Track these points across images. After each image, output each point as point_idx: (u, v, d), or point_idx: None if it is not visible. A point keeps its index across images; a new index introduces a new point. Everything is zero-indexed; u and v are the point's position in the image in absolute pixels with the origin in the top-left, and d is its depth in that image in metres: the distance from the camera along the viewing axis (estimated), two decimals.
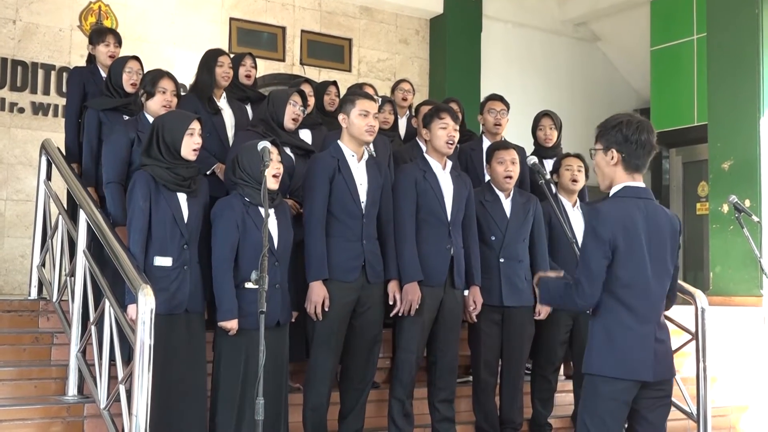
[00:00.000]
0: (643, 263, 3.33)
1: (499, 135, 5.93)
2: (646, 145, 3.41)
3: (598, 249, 3.32)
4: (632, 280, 3.33)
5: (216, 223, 4.27)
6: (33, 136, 7.80)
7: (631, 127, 3.40)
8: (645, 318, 3.35)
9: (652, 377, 3.33)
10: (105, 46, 5.67)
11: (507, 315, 5.09)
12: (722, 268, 8.28)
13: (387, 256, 4.73)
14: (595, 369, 3.37)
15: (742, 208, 5.54)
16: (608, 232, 3.30)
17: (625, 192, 3.42)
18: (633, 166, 3.42)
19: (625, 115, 3.48)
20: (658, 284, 3.39)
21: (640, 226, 3.34)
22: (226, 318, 4.16)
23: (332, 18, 9.82)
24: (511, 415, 5.18)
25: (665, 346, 3.43)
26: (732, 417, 6.40)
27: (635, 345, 3.32)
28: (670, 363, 3.45)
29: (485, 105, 6.03)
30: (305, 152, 5.03)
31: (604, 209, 3.38)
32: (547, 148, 6.02)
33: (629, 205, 3.38)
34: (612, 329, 3.35)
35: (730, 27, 8.39)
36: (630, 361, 3.31)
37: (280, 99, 4.93)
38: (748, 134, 8.18)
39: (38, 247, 5.58)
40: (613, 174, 3.45)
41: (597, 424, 3.34)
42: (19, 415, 4.33)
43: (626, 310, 3.33)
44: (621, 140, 3.41)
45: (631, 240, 3.32)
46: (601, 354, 3.36)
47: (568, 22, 11.49)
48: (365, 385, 4.72)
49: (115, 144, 4.69)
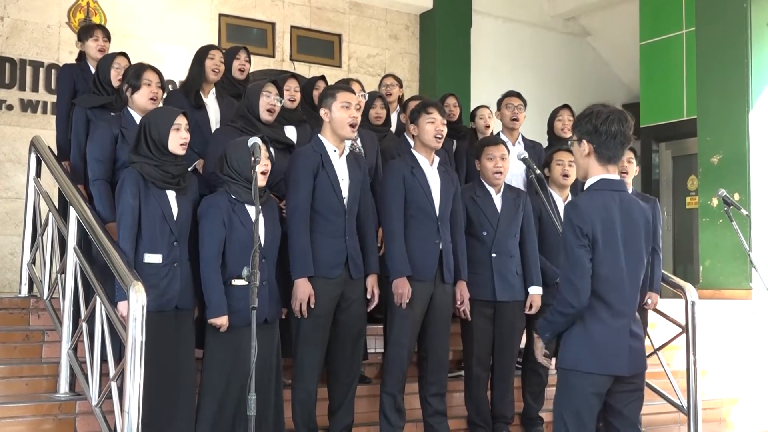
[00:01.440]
0: (618, 257, 3.31)
1: (516, 130, 6.09)
2: (617, 135, 3.36)
3: (580, 244, 3.30)
4: (608, 274, 3.30)
5: (202, 221, 4.27)
6: (22, 134, 7.77)
7: (600, 118, 3.36)
8: (620, 312, 3.33)
9: (627, 371, 3.33)
10: (94, 40, 5.66)
11: (499, 309, 5.11)
12: (712, 262, 8.31)
13: (366, 251, 4.73)
14: (570, 363, 3.35)
15: (731, 201, 5.56)
16: (587, 226, 3.28)
17: (599, 185, 3.39)
18: (605, 157, 3.38)
19: (597, 106, 3.43)
20: (633, 278, 3.37)
21: (615, 219, 3.32)
22: (216, 315, 4.16)
23: (322, 14, 9.81)
24: (502, 409, 5.20)
25: (640, 341, 3.41)
26: (722, 410, 6.43)
27: (610, 339, 3.31)
28: (643, 357, 3.44)
29: (503, 100, 6.18)
30: (285, 146, 5.00)
31: (582, 204, 3.36)
32: (562, 140, 6.08)
33: (605, 197, 3.35)
34: (587, 323, 3.32)
35: (719, 21, 8.42)
36: (605, 356, 3.29)
37: (254, 91, 4.88)
38: (737, 128, 8.20)
39: (28, 244, 5.56)
40: (587, 165, 3.43)
41: (572, 417, 3.33)
42: (11, 413, 4.32)
43: (602, 305, 3.31)
44: (591, 131, 3.38)
45: (608, 233, 3.30)
46: (576, 348, 3.34)
47: (557, 16, 11.50)
48: (352, 379, 4.72)
49: (99, 141, 4.68)
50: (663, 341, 5.99)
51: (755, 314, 7.62)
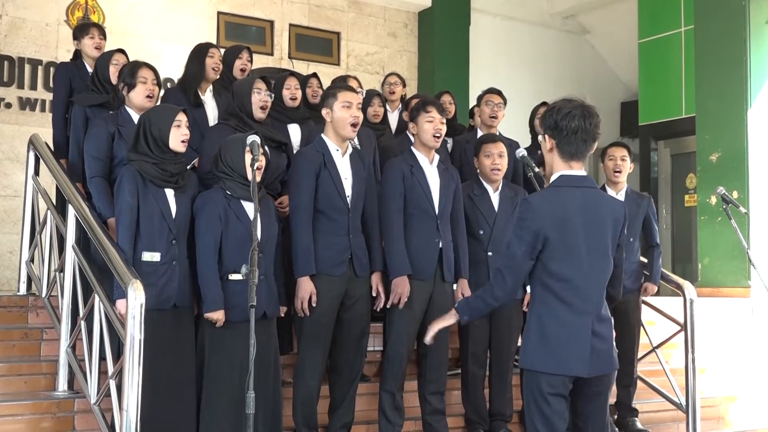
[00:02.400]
0: (577, 255, 3.22)
1: (494, 128, 6.00)
2: (578, 131, 3.26)
3: (522, 241, 3.24)
4: (566, 272, 3.22)
5: (198, 217, 4.27)
6: (20, 132, 7.76)
7: (561, 113, 3.28)
8: (580, 311, 3.22)
9: (587, 372, 3.22)
10: (90, 38, 5.66)
11: (495, 308, 5.09)
12: (710, 260, 8.32)
13: (372, 249, 4.73)
14: (529, 363, 3.28)
15: (729, 199, 5.57)
16: (536, 224, 3.21)
17: (560, 181, 3.32)
18: (567, 153, 3.30)
19: (561, 101, 3.35)
20: (596, 276, 3.27)
21: (576, 216, 3.23)
22: (212, 309, 4.15)
23: (320, 11, 9.80)
24: (500, 407, 5.20)
25: (605, 341, 3.28)
26: (721, 407, 6.43)
27: (568, 339, 3.21)
28: (609, 357, 3.29)
29: (483, 97, 6.10)
30: (278, 144, 5.00)
31: (534, 201, 3.30)
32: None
33: (564, 195, 3.27)
34: (545, 323, 3.25)
35: (718, 19, 8.42)
36: (563, 356, 3.20)
37: (244, 90, 4.84)
38: (735, 126, 8.21)
39: (27, 242, 5.55)
40: (551, 161, 3.36)
41: (539, 418, 3.24)
42: (10, 411, 4.32)
43: (560, 303, 3.23)
44: (552, 126, 3.31)
45: (564, 232, 3.21)
46: (533, 348, 3.26)
47: (556, 14, 11.51)
48: (354, 377, 4.73)
49: (96, 139, 4.68)
50: (661, 339, 6.00)
51: (754, 312, 7.63)
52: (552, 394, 3.22)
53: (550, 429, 3.23)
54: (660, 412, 5.99)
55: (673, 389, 5.70)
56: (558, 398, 3.23)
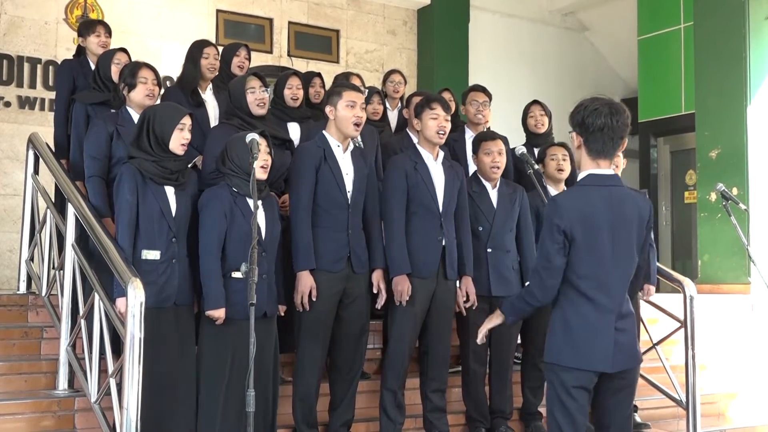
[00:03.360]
0: (603, 254, 3.27)
1: (481, 126, 5.97)
2: (604, 128, 3.29)
3: (554, 241, 3.28)
4: (591, 270, 3.27)
5: (203, 213, 4.26)
6: (20, 130, 7.76)
7: (587, 111, 3.31)
8: (604, 308, 3.28)
9: (610, 368, 3.28)
10: (96, 36, 5.65)
11: (495, 305, 5.07)
12: (710, 257, 8.32)
13: (372, 246, 4.73)
14: (553, 358, 3.34)
15: (729, 196, 5.57)
16: (564, 223, 3.25)
17: (587, 180, 3.36)
18: (594, 151, 3.33)
19: (590, 99, 3.37)
20: (621, 274, 3.33)
21: (602, 216, 3.27)
22: (214, 307, 4.15)
23: (319, 9, 9.80)
24: (501, 405, 5.20)
25: (628, 336, 3.34)
26: (721, 404, 6.44)
27: (593, 335, 3.27)
28: (633, 352, 3.37)
29: (467, 96, 6.08)
30: (282, 142, 5.00)
31: (561, 200, 3.34)
32: (538, 136, 6.06)
33: (591, 194, 3.31)
34: (570, 319, 3.31)
35: (717, 16, 8.41)
36: (587, 351, 3.26)
37: (239, 91, 4.84)
38: (735, 123, 8.21)
39: (26, 241, 5.55)
40: (580, 158, 3.40)
41: (561, 412, 3.31)
42: (10, 410, 4.33)
43: (585, 300, 3.28)
44: (580, 123, 3.34)
45: (590, 230, 3.26)
46: (558, 343, 3.33)
47: (555, 12, 11.50)
48: (354, 375, 4.72)
49: (95, 138, 4.67)
50: (661, 336, 5.99)
51: (754, 308, 7.63)
52: (576, 387, 3.29)
53: (570, 421, 3.29)
54: (660, 408, 5.99)
55: (673, 386, 5.70)
56: (581, 391, 3.30)
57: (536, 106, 6.21)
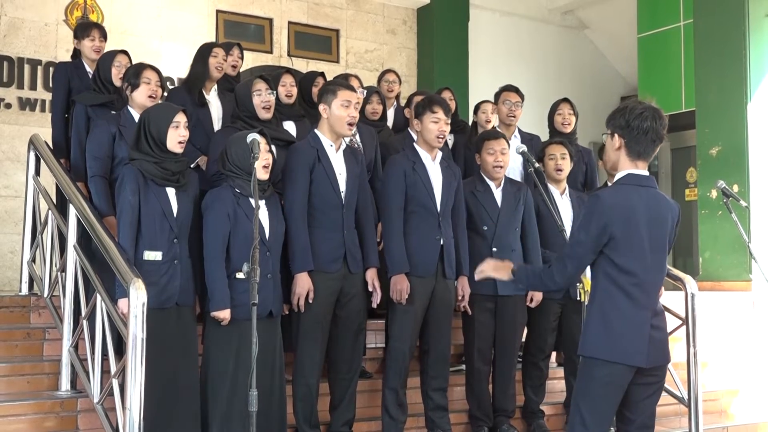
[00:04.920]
0: (641, 251, 3.35)
1: (513, 126, 6.03)
2: (649, 132, 3.39)
3: (589, 234, 3.35)
4: (630, 266, 3.34)
5: (207, 215, 4.27)
6: (20, 132, 7.77)
7: (633, 113, 3.39)
8: (641, 304, 3.36)
9: (645, 363, 3.35)
10: (90, 40, 5.66)
11: (500, 304, 5.11)
12: (711, 254, 8.32)
13: (366, 245, 4.73)
14: (590, 351, 3.39)
15: (730, 193, 5.56)
16: (604, 219, 3.33)
17: (627, 179, 3.44)
18: (635, 152, 3.42)
19: (633, 102, 3.48)
20: (656, 272, 3.42)
21: (641, 214, 3.36)
22: (219, 308, 4.16)
23: (319, 9, 9.80)
24: (503, 403, 5.21)
25: (661, 333, 3.45)
26: (723, 401, 6.44)
27: (630, 330, 3.34)
28: (665, 349, 3.46)
29: (500, 95, 6.11)
30: (286, 143, 5.00)
31: (604, 196, 3.41)
32: (564, 135, 6.03)
33: (630, 192, 3.39)
34: (608, 313, 3.36)
35: (717, 13, 8.41)
36: (624, 346, 3.33)
37: (244, 94, 4.86)
38: (735, 120, 8.20)
39: (28, 242, 5.55)
40: (617, 159, 3.47)
41: (589, 406, 3.36)
42: (13, 411, 4.33)
43: (623, 296, 3.35)
44: (623, 125, 3.41)
45: (629, 228, 3.33)
46: (596, 337, 3.38)
47: (555, 10, 11.50)
48: (353, 374, 4.73)
49: (97, 139, 4.69)
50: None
51: (755, 305, 7.63)
52: (611, 384, 3.35)
53: (597, 415, 3.35)
54: (662, 405, 5.91)
55: (675, 383, 5.70)
56: (616, 389, 3.36)
57: (566, 105, 6.17)
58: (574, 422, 3.41)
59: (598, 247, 3.36)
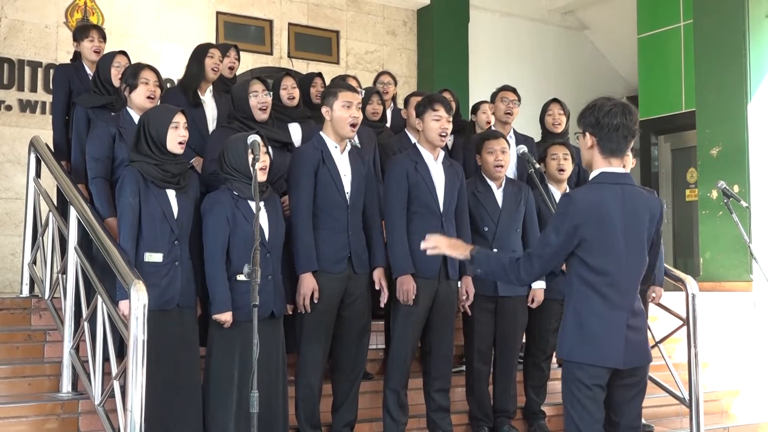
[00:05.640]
0: (616, 251, 3.29)
1: (509, 124, 6.04)
2: (620, 128, 3.34)
3: (559, 234, 3.30)
4: (604, 267, 3.28)
5: (206, 218, 4.28)
6: (21, 134, 7.78)
7: (603, 111, 3.34)
8: (616, 305, 3.30)
9: (622, 365, 3.29)
10: (89, 41, 5.67)
11: (500, 304, 5.11)
12: (712, 254, 8.32)
13: (373, 245, 4.74)
14: (566, 354, 3.35)
15: (730, 193, 5.56)
16: (576, 219, 3.27)
17: (601, 178, 3.38)
18: (608, 150, 3.36)
19: (601, 99, 3.41)
20: (633, 271, 3.35)
21: (615, 213, 3.30)
22: (221, 310, 4.16)
23: (319, 10, 9.80)
24: (504, 404, 5.21)
25: (639, 333, 3.37)
26: (724, 402, 6.44)
27: (605, 331, 3.28)
28: (644, 350, 3.40)
29: (498, 94, 6.14)
30: (282, 145, 5.00)
31: (576, 197, 3.35)
32: (555, 135, 6.06)
33: (605, 191, 3.34)
34: (582, 315, 3.31)
35: (717, 13, 8.41)
36: (599, 348, 3.28)
37: (241, 95, 4.86)
38: (735, 120, 8.21)
39: (29, 244, 5.56)
40: (591, 158, 3.42)
41: (577, 408, 3.32)
42: (14, 413, 4.32)
43: (598, 297, 3.29)
44: (594, 123, 3.36)
45: (603, 227, 3.28)
46: (571, 339, 3.34)
47: (555, 11, 11.51)
48: (356, 375, 4.73)
49: (97, 140, 4.68)
50: (664, 334, 5.99)
51: (756, 306, 7.62)
52: (591, 385, 3.29)
53: (587, 419, 3.30)
54: (663, 406, 5.99)
55: (676, 384, 5.70)
56: (597, 390, 3.31)
57: (555, 105, 6.22)
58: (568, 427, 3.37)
59: (569, 248, 3.31)
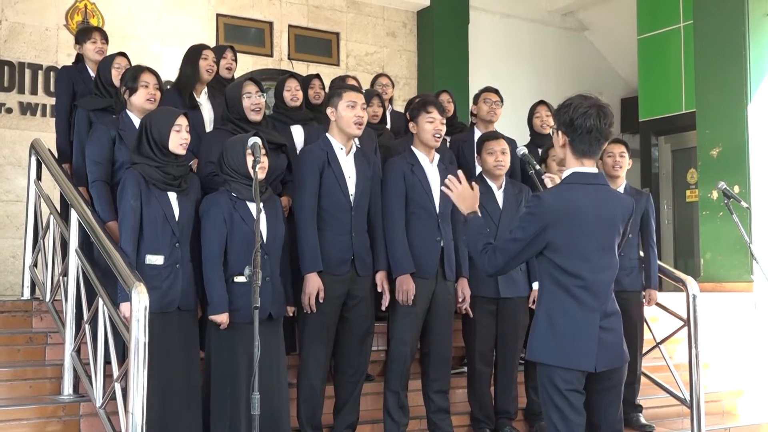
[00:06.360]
0: (587, 252, 3.23)
1: (492, 125, 6.00)
2: (593, 131, 3.25)
3: (525, 232, 3.24)
4: (574, 268, 3.23)
5: (204, 220, 4.28)
6: (21, 136, 7.78)
7: (577, 111, 3.26)
8: (589, 306, 3.23)
9: (594, 367, 3.22)
10: (92, 43, 5.67)
11: (502, 305, 5.11)
12: (712, 255, 8.32)
13: (377, 248, 4.74)
14: (536, 356, 3.29)
15: (731, 194, 5.56)
16: (543, 221, 3.22)
17: (573, 178, 3.32)
18: (579, 151, 3.29)
19: (578, 98, 3.33)
20: (605, 272, 3.29)
21: (587, 213, 3.24)
22: (217, 312, 4.16)
23: (319, 12, 9.81)
24: (505, 405, 5.21)
25: (613, 335, 3.29)
26: (725, 402, 6.44)
27: (576, 334, 3.21)
28: (618, 351, 3.31)
29: (480, 95, 6.13)
30: (276, 146, 5.01)
31: (546, 198, 3.29)
32: (543, 136, 6.06)
33: (576, 192, 3.28)
34: (553, 316, 3.25)
35: (717, 14, 8.42)
36: (570, 350, 3.21)
37: (235, 96, 4.84)
38: (736, 121, 8.21)
39: (30, 247, 5.56)
40: (563, 156, 3.37)
41: (555, 412, 3.25)
42: (15, 416, 4.33)
43: (569, 298, 3.23)
44: (567, 122, 3.29)
45: (573, 229, 3.22)
46: (541, 341, 3.27)
47: (555, 12, 11.51)
48: (359, 377, 4.74)
49: (97, 143, 4.67)
50: (665, 335, 6.00)
51: (757, 306, 7.62)
52: (568, 390, 3.22)
53: (567, 424, 3.23)
54: (664, 407, 5.99)
55: (677, 384, 5.70)
56: (574, 393, 3.23)
57: (542, 107, 6.23)
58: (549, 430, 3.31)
59: (536, 248, 3.26)
